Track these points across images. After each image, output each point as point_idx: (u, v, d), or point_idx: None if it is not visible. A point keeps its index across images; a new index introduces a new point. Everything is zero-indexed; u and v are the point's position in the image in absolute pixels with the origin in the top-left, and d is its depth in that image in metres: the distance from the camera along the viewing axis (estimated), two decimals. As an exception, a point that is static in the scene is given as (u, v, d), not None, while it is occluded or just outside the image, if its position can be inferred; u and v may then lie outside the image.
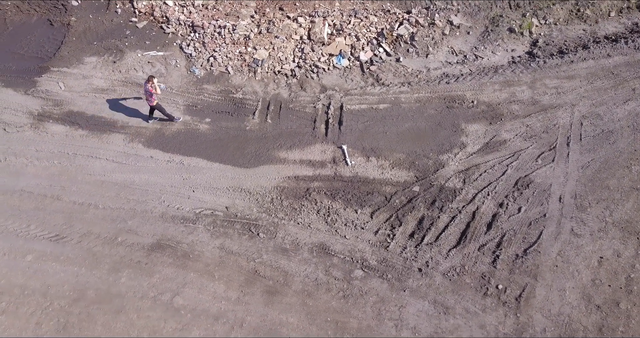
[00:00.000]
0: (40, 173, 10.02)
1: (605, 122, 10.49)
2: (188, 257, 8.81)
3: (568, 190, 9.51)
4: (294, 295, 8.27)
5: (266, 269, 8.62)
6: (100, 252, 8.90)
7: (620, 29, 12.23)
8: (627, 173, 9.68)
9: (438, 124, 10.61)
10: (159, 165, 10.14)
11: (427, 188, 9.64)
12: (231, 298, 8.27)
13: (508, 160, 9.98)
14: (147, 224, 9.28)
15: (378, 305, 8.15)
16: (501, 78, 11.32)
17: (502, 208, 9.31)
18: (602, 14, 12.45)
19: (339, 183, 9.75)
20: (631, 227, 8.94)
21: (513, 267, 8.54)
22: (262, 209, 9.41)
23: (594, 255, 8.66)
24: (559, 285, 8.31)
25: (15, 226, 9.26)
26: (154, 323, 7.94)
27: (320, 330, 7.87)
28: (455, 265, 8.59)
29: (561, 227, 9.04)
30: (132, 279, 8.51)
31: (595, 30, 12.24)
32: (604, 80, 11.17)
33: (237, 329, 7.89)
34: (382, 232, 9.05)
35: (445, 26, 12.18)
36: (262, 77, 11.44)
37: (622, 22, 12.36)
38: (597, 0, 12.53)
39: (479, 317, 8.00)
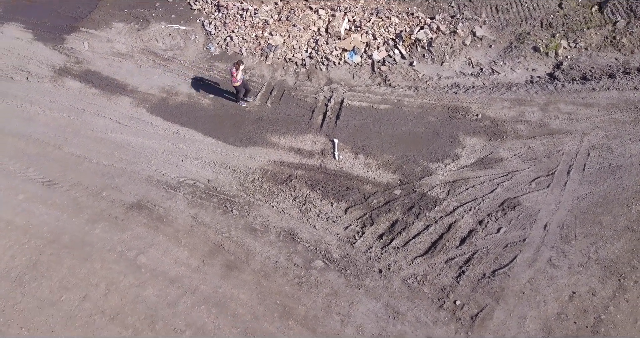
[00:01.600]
0: (49, 123, 10.94)
1: (615, 156, 10.12)
2: (162, 220, 9.36)
3: (556, 219, 9.28)
4: (251, 274, 8.61)
5: (231, 244, 9.01)
6: (84, 202, 9.63)
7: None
8: (626, 212, 9.32)
9: (436, 132, 10.63)
10: (156, 132, 10.81)
11: (408, 194, 9.70)
12: (191, 265, 8.72)
13: (500, 179, 9.86)
14: (132, 184, 9.93)
15: (330, 297, 8.34)
16: (513, 96, 11.17)
17: (481, 225, 9.23)
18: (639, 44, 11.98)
19: (321, 175, 10.01)
20: (615, 267, 8.63)
21: (477, 285, 8.47)
22: (241, 188, 9.82)
23: (566, 289, 8.44)
24: (521, 312, 8.17)
25: (16, 167, 10.18)
26: (114, 275, 8.53)
27: (267, 311, 8.16)
28: (417, 273, 8.62)
29: (539, 254, 8.85)
30: (105, 232, 9.17)
31: (629, 61, 11.80)
32: (624, 113, 10.76)
33: (189, 295, 8.33)
34: (352, 229, 9.21)
35: (468, 36, 12.15)
36: (272, 62, 11.90)
37: (661, 56, 11.84)
38: (636, 30, 12.07)
39: (428, 328, 8.00)
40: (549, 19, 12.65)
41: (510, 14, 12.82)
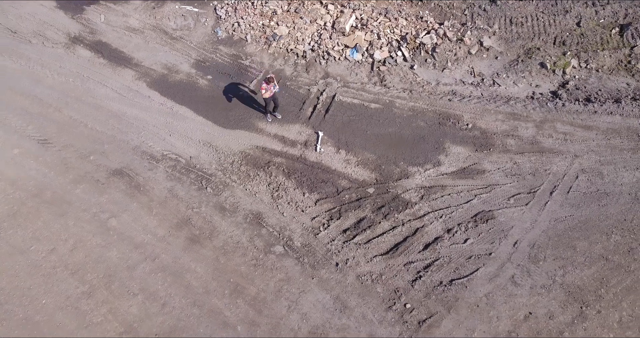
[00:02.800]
0: (55, 86, 11.71)
1: (604, 183, 9.90)
2: (139, 189, 9.88)
3: (528, 238, 9.20)
4: (212, 250, 8.98)
5: (199, 220, 9.41)
6: (71, 163, 10.28)
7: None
8: (604, 240, 9.12)
9: (422, 136, 10.70)
10: (152, 105, 11.38)
11: (381, 193, 9.82)
12: (157, 234, 9.18)
13: (478, 191, 9.84)
14: (119, 152, 10.52)
15: (282, 283, 8.59)
16: (509, 109, 11.09)
17: (448, 233, 9.26)
18: (656, 71, 11.63)
19: (300, 165, 10.27)
20: (580, 294, 8.47)
21: (431, 292, 8.52)
22: (220, 168, 10.22)
23: (523, 309, 8.36)
24: (470, 325, 8.16)
25: (18, 123, 10.97)
26: (83, 234, 9.10)
27: (219, 286, 8.50)
28: (373, 272, 8.75)
29: (502, 270, 8.81)
30: (85, 193, 9.77)
31: (639, 87, 11.47)
32: (624, 139, 10.50)
33: (149, 262, 8.78)
34: (319, 220, 9.43)
35: (474, 45, 12.13)
36: (274, 51, 12.27)
37: (677, 86, 11.43)
38: (654, 56, 11.71)
39: (373, 326, 8.12)
40: (563, 37, 12.45)
41: (524, 27, 12.70)
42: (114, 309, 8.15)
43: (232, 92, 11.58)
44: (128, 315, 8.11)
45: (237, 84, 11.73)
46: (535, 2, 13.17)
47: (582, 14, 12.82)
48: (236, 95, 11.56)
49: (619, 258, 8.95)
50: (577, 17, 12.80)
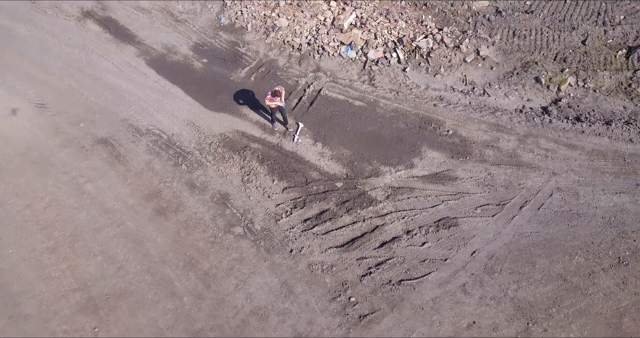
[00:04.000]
0: (61, 56, 12.52)
1: (579, 203, 9.81)
2: (119, 158, 10.48)
3: (488, 249, 9.24)
4: (175, 223, 9.46)
5: (169, 194, 9.91)
6: (62, 128, 11.00)
7: (671, 121, 11.05)
8: (566, 260, 9.07)
9: (400, 138, 10.87)
10: (146, 82, 12.01)
11: (348, 188, 10.06)
12: (127, 203, 9.73)
13: (447, 197, 9.93)
14: (108, 122, 11.18)
15: (235, 262, 8.97)
16: (493, 120, 11.11)
17: (407, 235, 9.41)
18: (657, 97, 11.38)
19: (275, 153, 10.63)
20: (529, 310, 8.47)
21: (378, 289, 8.70)
22: (198, 147, 10.70)
23: (468, 317, 8.44)
24: (411, 326, 8.31)
25: (21, 86, 11.82)
26: (59, 194, 9.75)
27: (175, 257, 8.96)
28: (325, 262, 9.00)
29: (454, 277, 8.89)
30: (69, 157, 10.45)
31: (638, 113, 11.25)
32: (609, 162, 10.35)
33: (114, 227, 9.34)
34: (283, 207, 9.75)
35: (470, 54, 12.19)
36: (271, 41, 12.69)
37: (676, 115, 11.14)
38: (657, 81, 11.46)
39: (314, 315, 8.38)
40: (565, 53, 12.34)
41: (526, 40, 12.65)
42: (73, 266, 8.73)
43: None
44: (85, 273, 8.67)
45: (230, 71, 12.23)
46: (542, 16, 13.11)
47: (590, 33, 12.66)
48: (228, 82, 12.04)
49: (578, 280, 8.87)
50: (584, 35, 12.65)
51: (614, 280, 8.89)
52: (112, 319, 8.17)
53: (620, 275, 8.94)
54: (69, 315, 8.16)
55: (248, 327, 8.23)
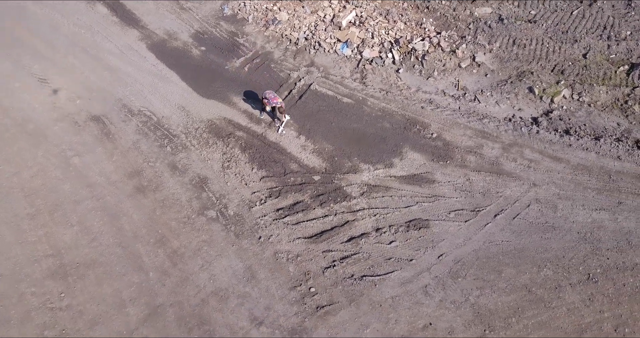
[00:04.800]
0: (68, 35, 13.12)
1: (556, 216, 9.77)
2: (109, 136, 10.94)
3: (456, 253, 9.31)
4: (152, 201, 9.84)
5: (150, 173, 10.31)
6: (59, 103, 11.57)
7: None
8: (534, 272, 9.07)
9: (384, 137, 11.00)
10: (144, 65, 12.48)
11: (325, 182, 10.26)
12: (110, 178, 10.17)
13: (422, 199, 10.03)
14: (103, 101, 11.67)
15: (204, 244, 9.28)
16: (480, 127, 11.13)
17: (376, 232, 9.55)
18: (652, 116, 11.19)
19: (258, 142, 10.92)
20: (489, 318, 8.52)
21: (340, 282, 8.87)
22: (184, 131, 11.08)
23: (425, 318, 8.54)
24: (366, 321, 8.45)
25: (26, 62, 12.47)
26: (47, 165, 10.27)
27: (147, 234, 9.34)
28: (291, 252, 9.23)
29: (417, 278, 9.00)
30: (62, 131, 10.98)
31: (631, 130, 11.11)
32: (592, 178, 10.26)
33: (94, 200, 9.78)
34: (258, 195, 10.03)
35: (466, 59, 12.23)
36: (270, 34, 12.99)
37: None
38: (654, 100, 11.28)
39: (272, 300, 8.61)
40: (564, 65, 12.24)
41: (525, 49, 12.61)
42: (50, 234, 9.19)
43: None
44: (60, 241, 9.11)
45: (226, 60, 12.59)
46: (545, 26, 13.03)
47: (592, 46, 12.53)
48: (223, 71, 12.40)
49: (543, 292, 8.86)
50: (586, 48, 12.52)
51: (580, 296, 8.84)
52: (79, 286, 8.58)
53: (587, 292, 8.88)
54: (39, 279, 8.61)
55: (207, 306, 8.51)
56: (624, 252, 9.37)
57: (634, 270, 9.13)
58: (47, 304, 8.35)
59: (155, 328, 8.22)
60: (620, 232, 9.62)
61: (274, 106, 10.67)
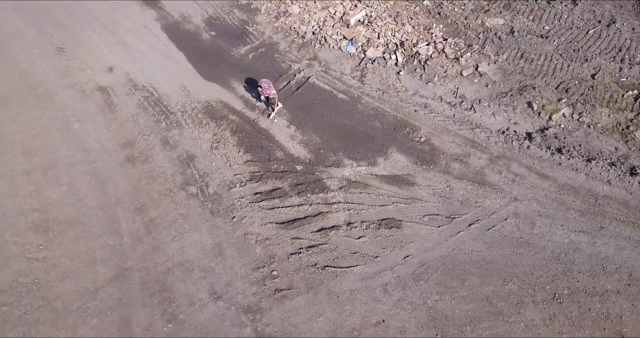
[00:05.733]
0: (90, 8, 13.96)
1: (532, 233, 9.73)
2: (110, 107, 11.58)
3: (422, 257, 9.43)
4: (139, 172, 10.41)
5: (142, 145, 10.88)
6: (71, 71, 12.31)
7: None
8: (498, 284, 9.11)
9: (372, 136, 11.18)
10: (156, 44, 13.10)
11: (306, 173, 10.53)
12: (105, 146, 10.80)
13: (399, 199, 10.17)
14: (111, 73, 12.34)
15: (180, 217, 9.74)
16: (470, 135, 11.15)
17: (347, 226, 9.76)
18: (653, 144, 10.92)
19: (249, 127, 11.30)
20: (443, 323, 8.66)
21: (302, 269, 9.14)
22: (182, 109, 11.59)
23: (379, 315, 8.71)
24: (321, 309, 8.69)
25: (48, 30, 13.31)
26: (49, 127, 10.99)
27: (129, 201, 9.89)
28: (261, 234, 9.56)
29: (379, 275, 9.17)
30: (69, 97, 11.70)
31: (628, 156, 10.88)
32: (577, 200, 10.14)
33: (86, 164, 10.41)
34: (239, 178, 10.40)
35: (468, 68, 12.24)
36: (279, 25, 13.37)
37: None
38: (657, 128, 11.00)
39: (233, 278, 8.97)
40: (570, 84, 12.08)
41: (532, 64, 12.50)
42: (40, 190, 9.85)
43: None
44: (48, 198, 9.76)
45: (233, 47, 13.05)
46: (557, 43, 12.86)
47: (603, 67, 12.30)
48: (228, 56, 12.86)
49: (503, 306, 8.87)
50: (596, 68, 12.31)
51: (541, 314, 8.80)
52: (57, 241, 9.18)
53: (549, 311, 8.83)
54: (23, 230, 9.26)
55: (172, 275, 8.95)
56: (596, 277, 9.25)
57: (603, 296, 9.01)
58: (25, 254, 8.99)
59: (119, 288, 8.71)
60: (597, 257, 9.49)
61: (267, 96, 11.03)
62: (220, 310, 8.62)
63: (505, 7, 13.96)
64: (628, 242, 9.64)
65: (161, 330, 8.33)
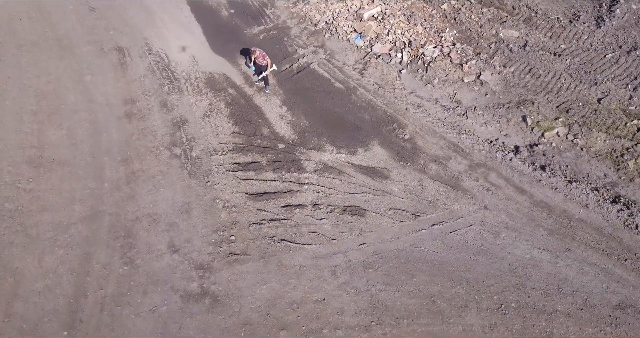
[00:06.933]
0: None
1: (494, 243, 9.70)
2: (123, 66, 12.46)
3: (378, 247, 9.62)
4: (134, 127, 11.17)
5: (143, 104, 11.67)
6: (96, 30, 13.29)
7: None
8: (447, 286, 9.19)
9: (358, 127, 11.42)
10: (178, 15, 13.96)
11: (287, 152, 10.93)
12: (108, 100, 11.68)
13: (369, 190, 10.38)
14: (132, 36, 13.22)
15: (159, 173, 10.41)
16: (455, 140, 11.16)
17: (312, 207, 10.08)
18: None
19: (243, 101, 11.83)
20: (382, 312, 8.87)
21: (260, 239, 9.60)
22: (186, 77, 12.28)
23: (321, 293, 9.05)
24: (267, 279, 9.13)
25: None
26: (64, 76, 11.96)
27: (117, 152, 10.67)
28: (229, 201, 10.11)
29: (331, 257, 9.50)
30: (88, 52, 12.65)
31: (616, 184, 10.56)
32: (550, 219, 9.99)
33: (87, 114, 11.27)
34: (223, 146, 10.94)
35: (470, 75, 12.21)
36: (296, 11, 13.80)
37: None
38: (652, 160, 10.59)
39: (194, 236, 9.52)
40: (572, 105, 11.80)
41: (538, 80, 12.30)
42: (42, 130, 10.77)
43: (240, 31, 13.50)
44: (47, 138, 10.66)
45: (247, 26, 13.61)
46: (569, 62, 12.57)
47: (612, 93, 11.94)
48: (241, 34, 13.43)
49: (446, 306, 8.92)
50: (604, 93, 11.96)
51: (482, 321, 8.80)
52: (45, 177, 10.03)
53: (491, 320, 8.81)
54: (19, 162, 10.18)
55: (138, 224, 9.59)
56: (549, 296, 9.11)
57: (550, 315, 8.88)
58: (16, 183, 9.89)
59: (89, 227, 9.44)
60: (555, 277, 9.33)
61: (260, 65, 11.43)
62: (175, 262, 9.17)
63: (525, 22, 13.75)
64: (592, 268, 9.42)
65: (117, 270, 8.97)
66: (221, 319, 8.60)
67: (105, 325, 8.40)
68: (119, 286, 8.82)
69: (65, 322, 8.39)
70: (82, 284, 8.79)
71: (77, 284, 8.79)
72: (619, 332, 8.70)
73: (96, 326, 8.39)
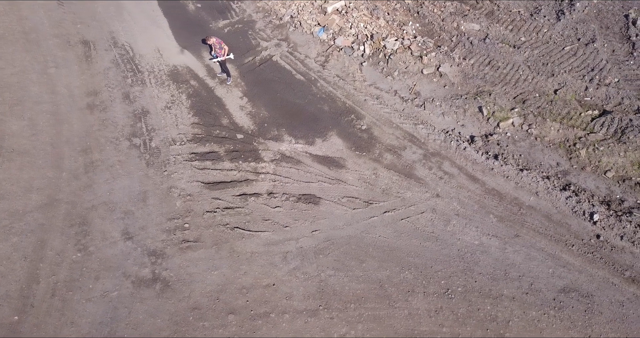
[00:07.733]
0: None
1: (444, 230, 9.87)
2: (88, 58, 12.60)
3: (329, 234, 9.77)
4: (95, 119, 11.28)
5: (105, 96, 11.81)
6: (63, 24, 13.39)
7: (603, 191, 10.32)
8: (395, 271, 9.33)
9: (318, 118, 11.56)
10: (146, 8, 14.11)
11: (245, 142, 11.06)
12: (72, 91, 11.77)
13: (324, 179, 10.52)
14: (99, 30, 13.38)
15: (118, 163, 10.56)
16: (411, 130, 11.31)
17: (268, 196, 10.21)
18: (601, 167, 10.70)
19: (205, 93, 11.97)
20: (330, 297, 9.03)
21: (213, 227, 9.71)
22: (150, 69, 12.47)
23: (272, 279, 9.17)
24: (218, 264, 9.29)
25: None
26: (28, 68, 12.05)
27: (77, 142, 10.79)
28: (185, 190, 10.24)
29: (283, 243, 9.64)
30: (54, 45, 12.73)
31: (568, 172, 10.73)
32: (500, 206, 10.15)
33: (50, 105, 11.38)
34: (181, 137, 11.09)
35: (430, 67, 12.36)
36: (261, 5, 13.97)
37: (610, 188, 10.38)
38: (603, 149, 10.76)
39: (149, 224, 9.65)
40: (529, 96, 11.97)
41: (497, 72, 12.47)
42: (3, 120, 10.90)
43: (206, 24, 13.62)
44: (8, 129, 10.79)
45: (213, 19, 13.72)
46: (528, 55, 12.74)
47: (569, 84, 12.11)
48: (207, 28, 13.55)
49: (393, 291, 9.08)
50: (560, 84, 12.14)
51: (428, 305, 8.95)
52: (4, 167, 10.15)
53: (437, 304, 8.97)
54: (-22, 152, 10.32)
55: (94, 212, 9.71)
56: (496, 280, 9.28)
57: (496, 299, 9.04)
58: (-26, 173, 10.02)
59: (45, 215, 9.56)
60: (503, 263, 9.50)
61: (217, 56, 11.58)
62: (128, 249, 9.30)
63: (487, 15, 13.92)
64: (539, 254, 9.59)
65: (70, 257, 9.11)
66: (171, 304, 8.74)
67: (56, 310, 8.53)
68: (71, 272, 8.96)
69: (17, 307, 8.52)
70: (35, 270, 8.92)
71: (30, 270, 8.92)
72: (562, 315, 8.88)
73: (47, 311, 8.52)
